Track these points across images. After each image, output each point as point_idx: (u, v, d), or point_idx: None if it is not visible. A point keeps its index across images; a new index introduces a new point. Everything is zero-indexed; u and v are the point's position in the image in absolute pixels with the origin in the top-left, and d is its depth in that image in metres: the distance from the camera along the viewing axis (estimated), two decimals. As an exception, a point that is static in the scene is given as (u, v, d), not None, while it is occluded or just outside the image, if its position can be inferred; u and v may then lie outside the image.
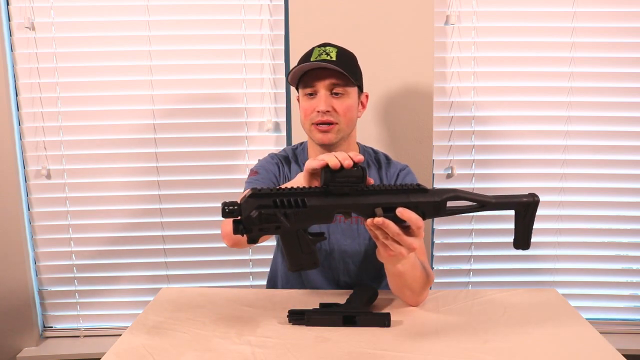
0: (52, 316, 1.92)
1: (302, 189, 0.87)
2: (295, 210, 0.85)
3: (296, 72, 1.20)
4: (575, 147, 1.80)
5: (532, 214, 0.92)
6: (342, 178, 0.86)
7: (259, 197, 0.84)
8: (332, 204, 0.87)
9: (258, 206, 0.84)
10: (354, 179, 0.86)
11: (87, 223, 1.84)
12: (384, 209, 0.87)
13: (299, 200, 0.86)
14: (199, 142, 1.81)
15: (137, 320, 1.08)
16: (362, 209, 0.88)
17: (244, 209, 0.83)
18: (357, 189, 0.87)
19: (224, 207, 0.83)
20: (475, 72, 1.78)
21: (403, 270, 1.02)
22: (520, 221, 0.93)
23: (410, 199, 0.88)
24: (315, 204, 0.86)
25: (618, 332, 1.87)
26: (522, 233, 0.93)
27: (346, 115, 1.21)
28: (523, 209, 0.92)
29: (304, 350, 0.93)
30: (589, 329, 1.02)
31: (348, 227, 1.27)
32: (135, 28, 1.75)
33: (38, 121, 1.79)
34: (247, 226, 0.84)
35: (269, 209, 0.84)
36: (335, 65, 1.16)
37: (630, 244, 1.87)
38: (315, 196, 0.87)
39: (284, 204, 0.85)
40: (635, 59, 1.76)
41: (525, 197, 0.92)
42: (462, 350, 0.93)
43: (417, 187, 0.89)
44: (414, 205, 0.88)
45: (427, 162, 1.79)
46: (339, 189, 0.87)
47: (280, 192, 0.86)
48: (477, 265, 1.87)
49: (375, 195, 0.88)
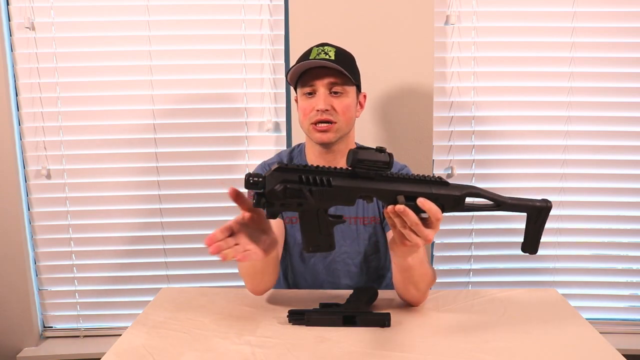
0: (52, 316, 1.92)
1: (328, 168, 0.86)
2: (320, 188, 0.85)
3: (296, 70, 1.20)
4: (575, 147, 1.80)
5: (544, 220, 0.93)
6: (370, 162, 0.85)
7: (286, 171, 0.84)
8: (357, 186, 0.87)
9: (283, 180, 0.83)
10: (380, 163, 0.86)
11: (87, 223, 1.84)
12: (406, 198, 0.86)
13: (324, 179, 0.85)
14: (199, 142, 1.81)
15: (137, 320, 1.08)
16: (385, 194, 0.87)
17: (268, 182, 0.82)
18: (382, 174, 0.87)
19: (248, 178, 0.81)
20: (475, 72, 1.78)
21: (412, 264, 1.01)
22: (532, 225, 0.93)
23: (433, 191, 0.88)
24: (340, 185, 0.86)
25: (618, 332, 1.87)
26: (532, 237, 0.94)
27: (345, 114, 1.21)
28: (536, 213, 0.93)
29: (304, 350, 0.93)
30: (589, 329, 1.02)
31: (347, 228, 1.27)
32: (135, 28, 1.75)
33: (38, 121, 1.79)
34: (270, 200, 0.83)
35: (295, 184, 0.84)
36: (334, 64, 1.16)
37: (630, 244, 1.87)
38: (340, 177, 0.86)
39: (309, 181, 0.84)
40: (635, 59, 1.76)
41: (539, 202, 0.92)
42: (462, 350, 0.93)
43: (438, 179, 0.90)
44: (435, 197, 0.87)
45: (427, 162, 1.79)
46: (365, 172, 0.86)
47: (307, 169, 0.85)
48: (477, 265, 1.87)
49: (398, 182, 0.88)
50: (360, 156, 0.84)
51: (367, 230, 1.28)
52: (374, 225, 1.28)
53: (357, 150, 0.85)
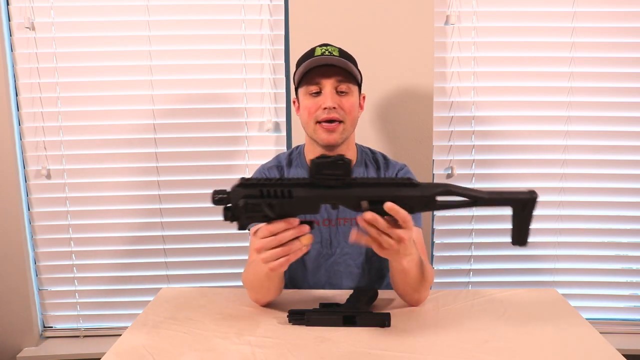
0: (52, 316, 1.92)
1: (289, 180, 0.88)
2: (281, 200, 0.86)
3: (302, 69, 1.18)
4: (575, 147, 1.80)
5: (530, 211, 0.89)
6: (328, 171, 0.87)
7: (247, 186, 0.87)
8: (318, 195, 0.88)
9: (245, 196, 0.86)
10: (339, 171, 0.87)
11: (87, 223, 1.84)
12: (371, 202, 0.87)
13: (285, 191, 0.86)
14: (199, 142, 1.81)
15: (137, 320, 1.08)
16: (348, 200, 0.88)
17: (232, 198, 0.86)
18: (343, 181, 0.87)
19: (214, 195, 0.86)
20: (475, 72, 1.78)
21: (408, 267, 1.01)
22: (517, 218, 0.90)
23: (398, 193, 0.88)
24: (302, 195, 0.87)
25: (618, 332, 1.87)
26: (519, 230, 0.91)
27: (351, 113, 1.20)
28: (521, 205, 0.89)
29: (304, 350, 0.93)
30: (589, 329, 1.02)
31: (349, 230, 1.26)
32: (135, 28, 1.75)
33: (38, 121, 1.79)
34: (236, 214, 0.86)
35: (256, 198, 0.86)
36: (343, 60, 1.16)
37: (630, 244, 1.87)
38: (301, 187, 0.88)
39: (270, 194, 0.86)
40: (635, 59, 1.76)
41: (523, 194, 0.89)
42: (462, 350, 0.93)
43: (407, 181, 0.89)
44: (402, 199, 0.87)
45: (427, 162, 1.79)
46: (325, 181, 0.87)
47: (268, 183, 0.87)
48: (477, 265, 1.87)
49: (362, 187, 0.88)
50: (319, 167, 0.86)
51: None
52: (375, 226, 1.27)
53: (316, 160, 0.86)
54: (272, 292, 1.12)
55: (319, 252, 1.28)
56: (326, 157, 0.87)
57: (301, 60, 1.23)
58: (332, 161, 0.86)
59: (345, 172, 0.87)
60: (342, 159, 0.87)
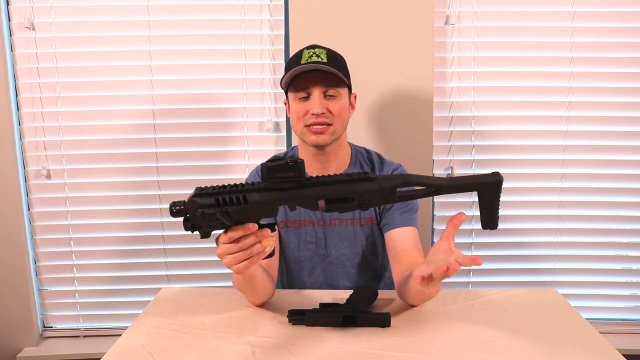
0: (52, 316, 1.92)
1: (243, 186, 0.87)
2: (237, 207, 0.86)
3: (291, 75, 1.18)
4: (575, 147, 1.80)
5: (497, 194, 0.89)
6: (281, 174, 0.85)
7: (202, 196, 0.86)
8: (273, 198, 0.87)
9: (200, 206, 0.85)
10: (292, 173, 0.85)
11: (87, 223, 1.84)
12: (328, 200, 0.86)
13: (240, 197, 0.86)
14: (199, 142, 1.81)
15: (137, 320, 1.08)
16: (305, 201, 0.87)
17: (190, 209, 0.86)
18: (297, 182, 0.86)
19: (171, 208, 0.86)
20: (475, 72, 1.78)
21: (432, 290, 1.03)
22: (484, 202, 0.89)
23: (355, 189, 0.86)
24: (257, 200, 0.86)
25: (618, 332, 1.87)
26: (487, 214, 0.91)
27: (340, 116, 1.20)
28: (486, 190, 0.88)
29: (304, 350, 0.93)
30: (589, 329, 1.02)
31: (344, 230, 1.27)
32: (135, 28, 1.75)
33: (38, 121, 1.79)
34: (196, 224, 0.86)
35: (212, 207, 0.85)
36: (328, 67, 1.15)
37: (630, 244, 1.87)
38: (256, 192, 0.87)
39: (225, 202, 0.86)
40: (635, 59, 1.76)
41: (486, 178, 0.88)
42: (462, 350, 0.93)
43: (364, 175, 0.87)
44: (359, 194, 0.86)
45: (427, 162, 1.79)
46: (278, 184, 0.86)
47: (222, 191, 0.86)
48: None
49: (318, 186, 0.87)
50: (271, 170, 0.85)
51: (365, 231, 1.27)
52: (371, 226, 1.27)
53: (267, 164, 0.85)
54: (259, 293, 1.11)
55: (314, 253, 1.28)
56: (277, 159, 0.86)
57: (289, 65, 1.22)
58: (283, 164, 0.85)
59: (298, 173, 0.85)
60: (294, 160, 0.85)
